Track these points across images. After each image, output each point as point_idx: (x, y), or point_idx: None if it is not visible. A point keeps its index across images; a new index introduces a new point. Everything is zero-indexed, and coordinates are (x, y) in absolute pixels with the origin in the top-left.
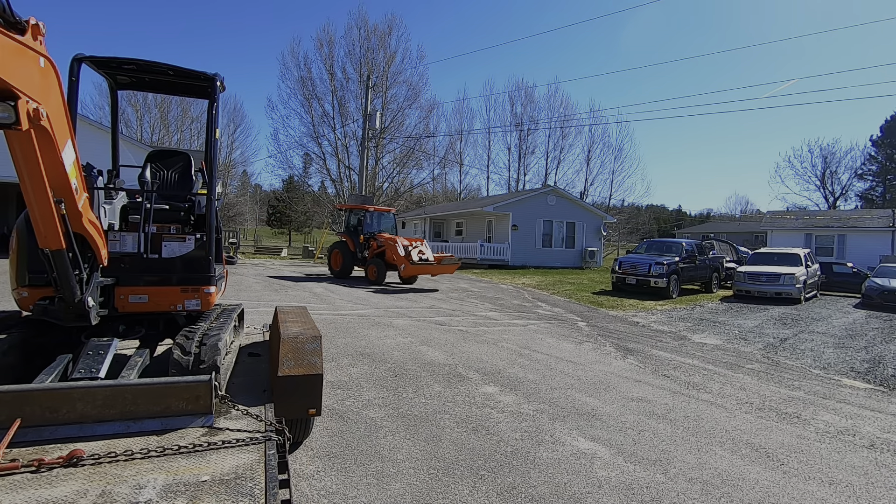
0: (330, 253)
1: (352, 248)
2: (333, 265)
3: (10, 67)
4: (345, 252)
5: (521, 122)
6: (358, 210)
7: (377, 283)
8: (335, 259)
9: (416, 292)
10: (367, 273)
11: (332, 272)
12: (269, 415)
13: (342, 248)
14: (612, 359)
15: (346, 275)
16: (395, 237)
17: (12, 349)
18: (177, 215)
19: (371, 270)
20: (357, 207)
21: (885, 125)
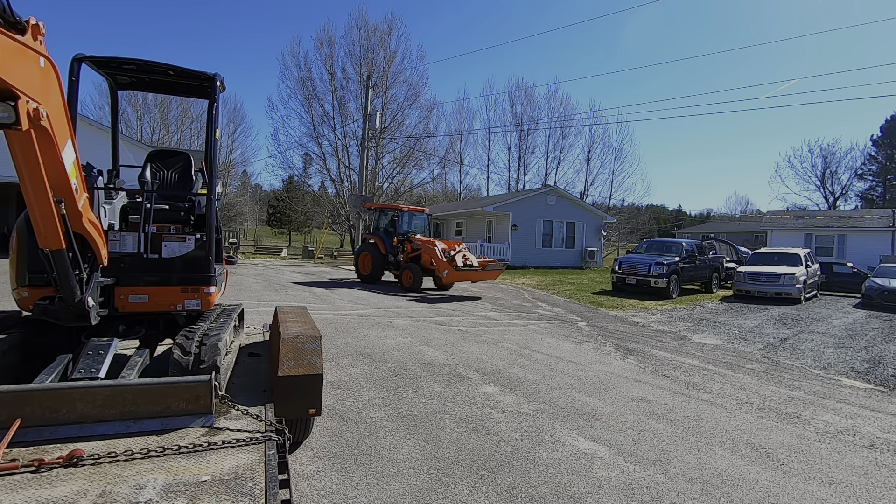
0: (357, 256)
1: (383, 250)
2: (361, 269)
3: (10, 67)
4: (374, 255)
5: (521, 122)
6: (390, 210)
7: (413, 289)
8: (363, 262)
9: (458, 301)
10: (402, 279)
11: (360, 276)
12: (269, 415)
13: (371, 250)
14: (612, 359)
15: (375, 279)
16: (432, 240)
17: (12, 349)
18: (177, 215)
19: (406, 276)
20: (389, 207)
21: (885, 125)
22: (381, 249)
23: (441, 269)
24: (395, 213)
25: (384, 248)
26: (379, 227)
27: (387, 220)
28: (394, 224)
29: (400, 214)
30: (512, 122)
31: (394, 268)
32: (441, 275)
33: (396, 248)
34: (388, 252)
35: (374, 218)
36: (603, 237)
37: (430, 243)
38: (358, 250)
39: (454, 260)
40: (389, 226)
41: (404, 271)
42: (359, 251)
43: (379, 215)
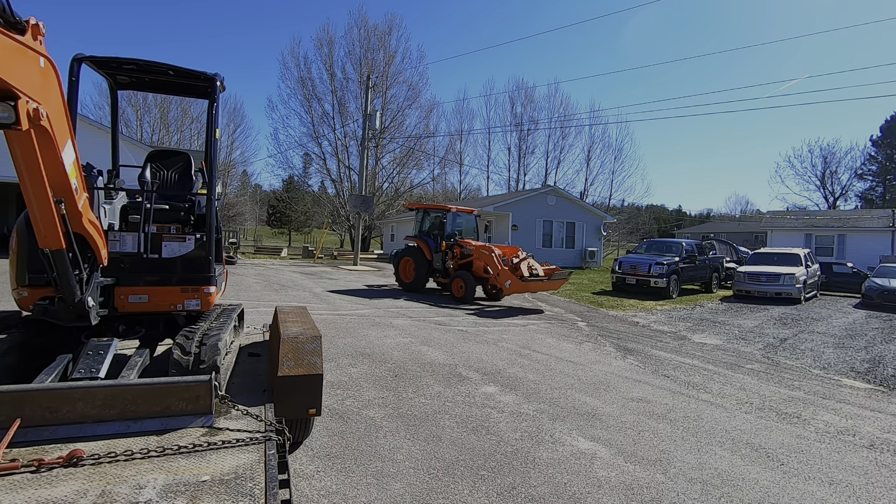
0: (397, 261)
1: (428, 255)
2: (403, 276)
3: (10, 67)
4: (418, 261)
5: (521, 122)
6: (436, 210)
7: (464, 300)
8: (405, 269)
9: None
10: (452, 288)
11: (402, 284)
12: (269, 415)
13: (414, 255)
14: (612, 359)
15: (418, 288)
16: (489, 245)
17: (12, 349)
18: (177, 215)
19: (457, 285)
20: (434, 207)
21: (885, 125)
22: (426, 254)
23: (503, 280)
24: (442, 214)
25: (429, 252)
26: (422, 229)
27: (431, 221)
28: (441, 226)
29: (447, 215)
30: (512, 122)
31: (440, 275)
32: (502, 286)
33: (444, 252)
34: (433, 257)
35: (416, 220)
36: (603, 237)
37: (486, 249)
38: (397, 255)
39: (519, 269)
40: (435, 228)
41: (455, 280)
42: (399, 256)
43: (422, 216)
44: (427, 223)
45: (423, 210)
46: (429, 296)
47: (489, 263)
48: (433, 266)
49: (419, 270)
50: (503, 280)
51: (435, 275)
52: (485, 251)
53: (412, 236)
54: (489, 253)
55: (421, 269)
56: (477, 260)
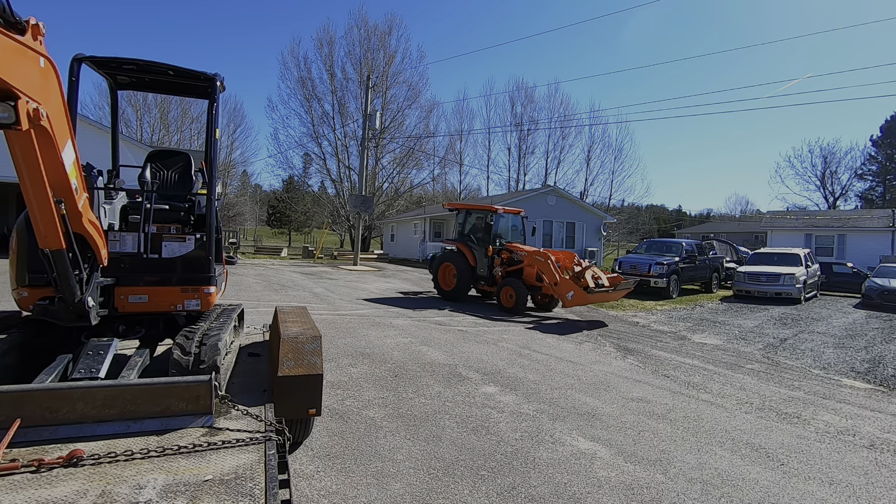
0: (435, 267)
1: (472, 261)
2: (442, 283)
3: (10, 67)
4: (460, 267)
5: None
6: (479, 211)
7: (515, 311)
8: (445, 275)
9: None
10: (501, 298)
11: (441, 292)
12: (269, 415)
13: (456, 261)
14: (612, 359)
15: (460, 296)
16: (543, 251)
17: (12, 349)
18: (177, 215)
19: (506, 295)
20: (478, 208)
21: (885, 125)
22: (470, 260)
23: (562, 290)
24: (487, 216)
25: (473, 258)
26: (464, 231)
27: (475, 223)
28: (487, 229)
29: (493, 217)
30: (512, 122)
31: (486, 283)
32: (561, 296)
33: (491, 258)
34: (477, 263)
35: (457, 222)
36: (603, 237)
37: (541, 255)
38: (435, 260)
39: (584, 278)
40: (479, 231)
41: (503, 288)
42: (437, 261)
43: (464, 218)
44: (469, 225)
45: (464, 211)
46: (474, 305)
47: (544, 271)
48: (477, 273)
49: (461, 277)
50: (563, 290)
51: (479, 282)
52: (539, 257)
53: (452, 239)
54: (544, 259)
55: (463, 276)
56: (528, 267)
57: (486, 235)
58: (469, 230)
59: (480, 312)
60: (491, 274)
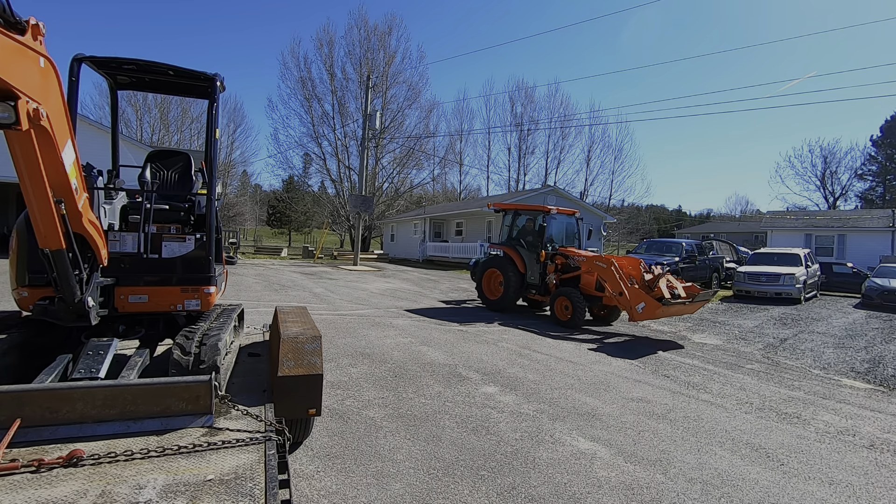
0: (479, 273)
1: (521, 268)
2: (487, 292)
3: (10, 67)
4: (508, 274)
5: (521, 122)
6: (531, 212)
7: (571, 325)
8: (490, 283)
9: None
10: (555, 309)
11: (486, 301)
12: (269, 415)
13: (503, 267)
14: (612, 359)
15: (508, 306)
16: (605, 256)
17: (12, 349)
18: (177, 215)
19: (561, 306)
20: (528, 208)
21: (885, 125)
22: (519, 266)
23: (631, 302)
24: (541, 217)
25: (522, 264)
26: (512, 234)
27: (524, 225)
28: (538, 232)
29: (546, 218)
30: (512, 122)
31: (538, 291)
32: (628, 309)
33: (544, 264)
34: (527, 270)
35: (504, 224)
36: (603, 237)
37: (603, 261)
38: (479, 266)
39: (657, 288)
40: (529, 234)
41: (558, 298)
42: (482, 267)
43: (511, 219)
44: (517, 227)
45: (511, 212)
46: (525, 318)
47: (606, 279)
48: (527, 280)
49: (509, 285)
50: (632, 302)
51: (529, 291)
52: (600, 263)
53: (498, 243)
54: (607, 266)
55: (511, 284)
56: (587, 274)
57: (538, 239)
58: (517, 233)
59: (535, 327)
60: (543, 282)
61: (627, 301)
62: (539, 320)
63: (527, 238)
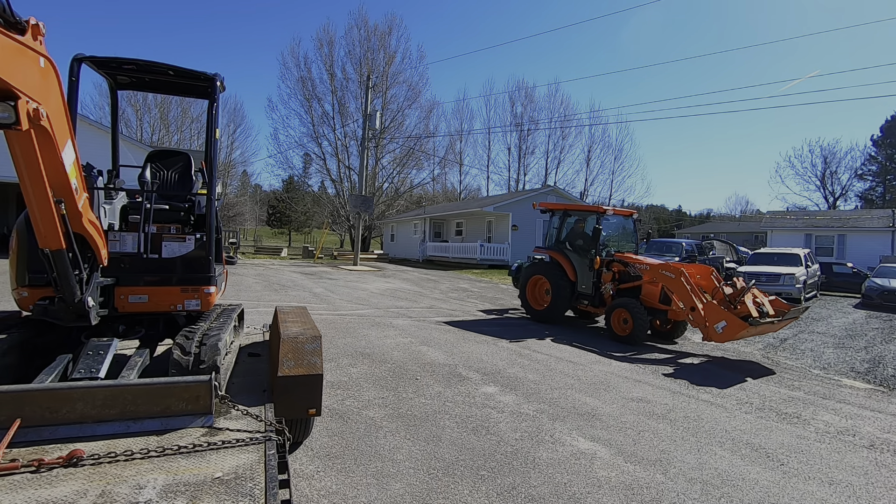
0: (523, 280)
1: (571, 275)
2: (532, 301)
3: (10, 67)
4: (556, 281)
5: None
6: (582, 213)
7: (631, 340)
8: (535, 291)
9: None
10: (611, 323)
11: (530, 311)
12: (269, 415)
13: (550, 273)
14: (612, 359)
15: (555, 317)
16: (674, 264)
17: (12, 349)
18: (177, 215)
19: (618, 319)
20: (581, 209)
21: (885, 125)
22: (569, 273)
23: (711, 320)
24: (595, 218)
25: (573, 271)
26: (559, 238)
27: (573, 227)
28: (594, 236)
29: (601, 220)
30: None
31: (591, 302)
32: (707, 329)
33: (598, 271)
34: (578, 278)
35: (551, 225)
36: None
37: (671, 269)
38: (522, 272)
39: (743, 305)
40: (580, 237)
41: (616, 311)
42: (526, 273)
43: (559, 220)
44: (566, 230)
45: (559, 212)
46: (576, 331)
47: (675, 291)
48: (578, 289)
49: (558, 294)
50: (709, 320)
51: (580, 301)
52: (667, 272)
53: (544, 247)
54: (675, 275)
55: (560, 293)
56: (650, 284)
57: (591, 243)
58: (566, 236)
59: (592, 343)
60: (598, 292)
61: (702, 318)
62: (593, 335)
63: (577, 242)
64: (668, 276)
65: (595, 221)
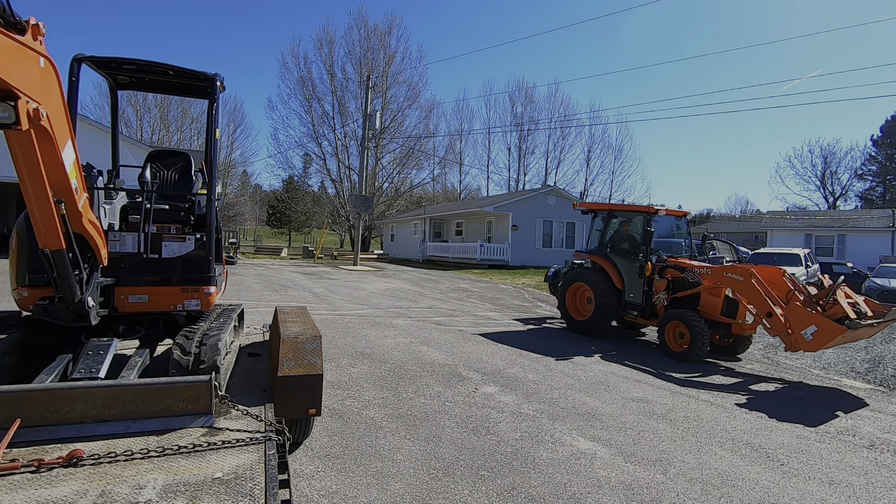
0: (564, 288)
1: (617, 282)
2: (573, 310)
3: (10, 67)
4: (600, 289)
5: (521, 122)
6: (630, 213)
7: (686, 357)
8: (576, 299)
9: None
10: (665, 337)
11: (570, 322)
12: (269, 415)
13: (593, 280)
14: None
15: (598, 329)
16: (742, 266)
17: (12, 349)
18: (177, 215)
19: (673, 333)
20: (629, 209)
21: (885, 125)
22: (615, 280)
23: (797, 325)
24: (644, 219)
25: (619, 278)
26: (603, 241)
27: (619, 229)
28: (645, 238)
29: (651, 221)
30: (512, 122)
31: (641, 313)
32: (791, 338)
33: (649, 279)
34: (626, 285)
35: (593, 227)
36: None
37: (739, 272)
38: (561, 277)
39: (837, 305)
40: (626, 240)
41: (670, 323)
42: (566, 280)
43: (603, 222)
44: (611, 232)
45: (604, 213)
46: (624, 343)
47: (748, 297)
48: (625, 298)
49: (602, 304)
50: (795, 325)
51: (628, 311)
52: (734, 275)
53: (586, 251)
54: (745, 279)
55: (604, 302)
56: (711, 294)
57: (640, 247)
58: (611, 239)
59: (646, 362)
60: (649, 301)
61: (782, 325)
62: (643, 350)
63: (623, 245)
64: (735, 279)
65: (644, 223)
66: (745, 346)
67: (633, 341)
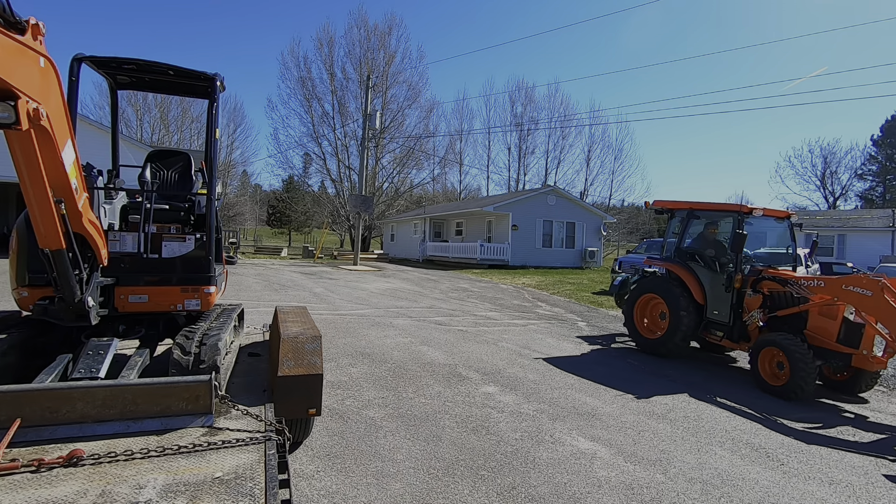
0: (632, 300)
1: (698, 296)
2: (641, 327)
3: (10, 67)
4: (677, 303)
5: (521, 122)
6: (717, 213)
7: (785, 394)
8: (647, 314)
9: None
10: (758, 365)
11: (639, 340)
12: (269, 415)
13: (668, 292)
14: (612, 359)
15: (673, 350)
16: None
17: (12, 349)
18: (177, 215)
19: (769, 361)
20: (714, 208)
21: (885, 125)
22: (695, 293)
23: None
24: (735, 220)
25: (700, 290)
26: (682, 246)
27: (702, 232)
28: (735, 243)
29: (744, 222)
30: (512, 122)
31: (727, 334)
32: None
33: (739, 292)
34: (709, 300)
35: (670, 229)
36: (603, 237)
37: (864, 284)
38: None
39: None
40: (711, 245)
41: (765, 349)
42: (634, 292)
43: (682, 223)
44: (691, 235)
45: (683, 212)
46: (707, 369)
47: (880, 315)
48: (707, 315)
49: (679, 320)
50: None
51: (711, 331)
52: (857, 289)
53: (659, 258)
54: (874, 293)
55: (681, 319)
56: (823, 314)
57: (734, 254)
58: (692, 244)
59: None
60: (738, 320)
61: None
62: (733, 381)
63: (707, 252)
64: (859, 293)
65: (735, 225)
66: (870, 384)
67: (712, 362)
